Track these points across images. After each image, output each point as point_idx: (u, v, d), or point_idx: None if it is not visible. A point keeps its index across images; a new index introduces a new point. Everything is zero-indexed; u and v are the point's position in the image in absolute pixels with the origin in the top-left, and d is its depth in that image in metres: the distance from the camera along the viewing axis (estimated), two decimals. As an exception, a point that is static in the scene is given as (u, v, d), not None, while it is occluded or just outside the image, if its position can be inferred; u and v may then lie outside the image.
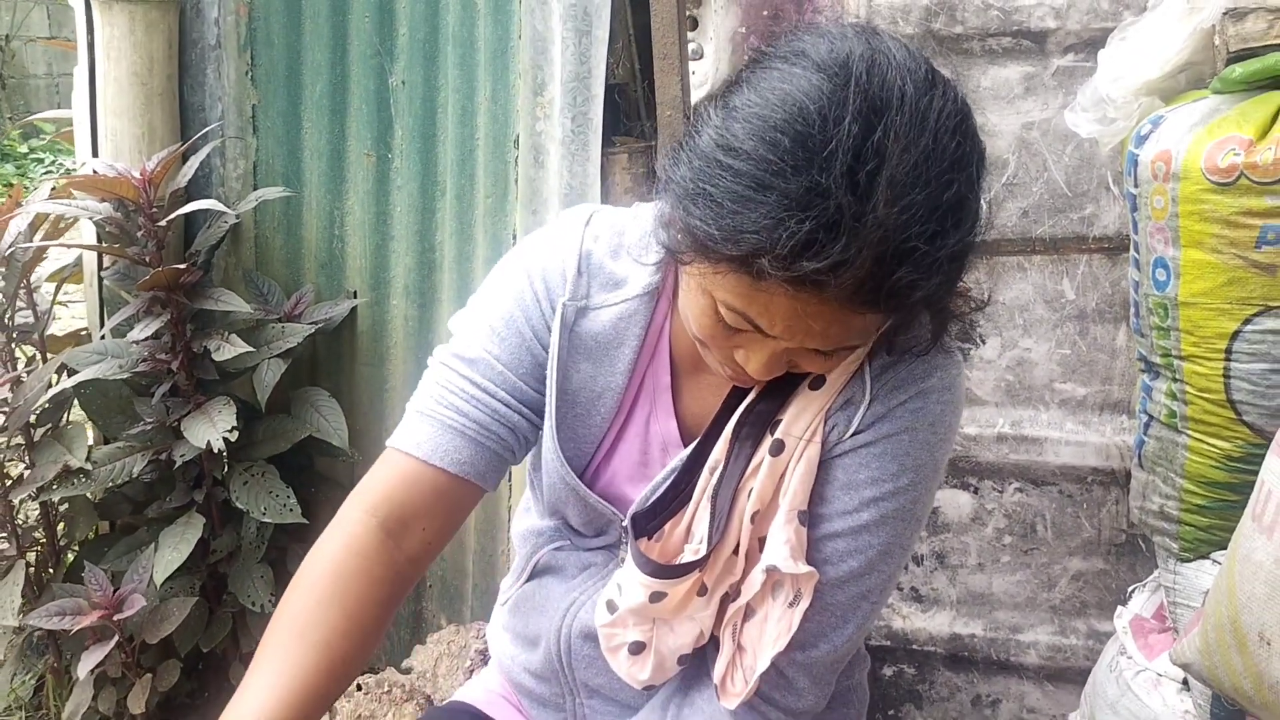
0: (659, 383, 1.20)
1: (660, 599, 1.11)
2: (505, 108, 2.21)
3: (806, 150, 0.85)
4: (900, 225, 0.84)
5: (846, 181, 0.83)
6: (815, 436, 1.09)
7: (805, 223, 0.83)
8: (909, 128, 0.85)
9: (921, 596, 2.14)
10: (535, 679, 1.32)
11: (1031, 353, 1.99)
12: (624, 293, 1.17)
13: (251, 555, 2.41)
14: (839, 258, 0.84)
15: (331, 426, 2.36)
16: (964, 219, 0.89)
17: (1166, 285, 1.57)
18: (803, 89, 0.88)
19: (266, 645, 1.09)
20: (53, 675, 2.48)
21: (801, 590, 1.10)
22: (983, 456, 2.03)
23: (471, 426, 1.16)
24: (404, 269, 2.42)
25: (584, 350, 1.18)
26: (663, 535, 1.14)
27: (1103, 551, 2.03)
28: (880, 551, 1.11)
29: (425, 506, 1.17)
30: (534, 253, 1.20)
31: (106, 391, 2.38)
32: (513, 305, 1.18)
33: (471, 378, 1.17)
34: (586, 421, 1.19)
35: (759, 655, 1.11)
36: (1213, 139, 1.47)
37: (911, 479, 1.10)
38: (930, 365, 1.10)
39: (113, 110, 2.40)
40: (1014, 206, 1.94)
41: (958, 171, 0.88)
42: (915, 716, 2.21)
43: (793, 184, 0.84)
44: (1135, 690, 1.68)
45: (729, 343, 1.01)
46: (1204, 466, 1.58)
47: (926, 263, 0.86)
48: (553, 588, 1.28)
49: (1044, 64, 1.89)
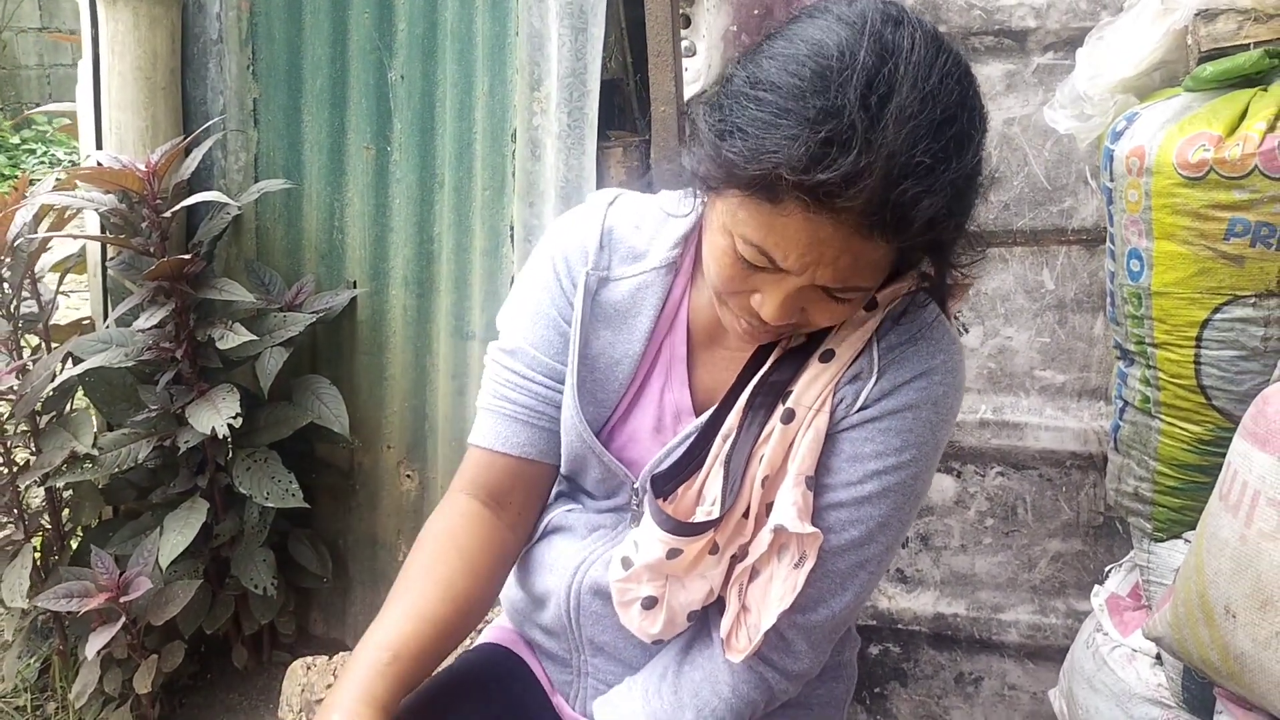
0: (675, 353, 1.27)
1: (676, 555, 1.16)
2: (503, 102, 2.26)
3: (824, 79, 0.94)
4: (905, 145, 0.92)
5: (859, 103, 0.92)
6: (824, 407, 1.15)
7: (819, 135, 0.92)
8: (917, 68, 0.94)
9: (906, 577, 2.21)
10: (545, 634, 1.38)
11: (1013, 341, 2.05)
12: (644, 264, 1.26)
13: (254, 539, 2.46)
14: (850, 169, 0.91)
15: (332, 413, 2.41)
16: (965, 152, 0.97)
17: (1140, 275, 1.63)
18: (824, 31, 0.98)
19: (396, 587, 1.23)
20: (59, 657, 2.52)
21: (806, 552, 1.15)
22: (965, 441, 2.09)
23: (522, 412, 1.29)
24: (403, 260, 2.47)
25: (604, 318, 1.26)
26: (675, 497, 1.20)
27: (1081, 533, 2.09)
28: (879, 523, 1.17)
29: (507, 486, 1.32)
30: (559, 236, 1.30)
31: (111, 379, 2.42)
32: (540, 291, 1.29)
33: (512, 367, 1.29)
34: (605, 386, 1.27)
35: (764, 614, 1.16)
36: (1184, 135, 1.53)
37: (913, 455, 1.16)
38: (935, 347, 1.16)
39: (117, 104, 2.44)
40: (996, 200, 2.00)
41: (961, 111, 0.96)
42: (900, 694, 2.28)
43: (810, 105, 0.93)
44: (1111, 665, 1.74)
45: (746, 286, 1.07)
46: (1176, 450, 1.64)
47: (929, 180, 0.93)
48: (563, 547, 1.34)
49: (1025, 62, 1.95)
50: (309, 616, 2.75)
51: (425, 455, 2.54)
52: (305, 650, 2.73)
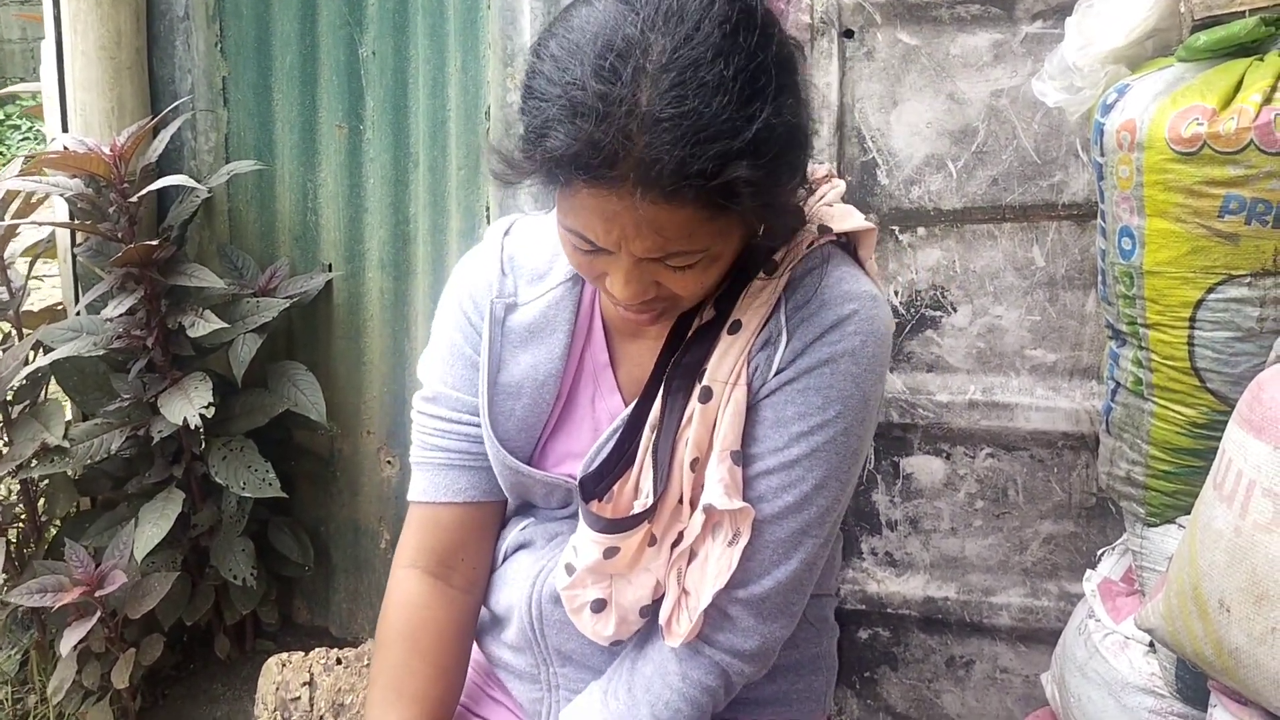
0: (598, 361, 1.26)
1: (614, 554, 1.15)
2: (476, 79, 2.20)
3: (570, 53, 0.94)
4: (649, 103, 0.91)
5: (594, 70, 0.92)
6: (740, 379, 1.13)
7: (570, 115, 0.92)
8: (664, 19, 0.93)
9: (895, 561, 2.17)
10: (512, 651, 1.35)
11: (1002, 320, 2.00)
12: (549, 282, 1.25)
13: (233, 529, 2.42)
14: (595, 138, 0.91)
15: (309, 400, 2.37)
16: (725, 96, 0.92)
17: (1132, 254, 1.57)
18: (578, 12, 0.98)
19: (371, 708, 1.27)
20: (37, 651, 2.49)
21: (740, 529, 1.13)
22: (955, 423, 2.05)
23: (456, 457, 1.28)
24: (378, 241, 2.41)
25: (520, 342, 1.25)
26: (612, 496, 1.18)
27: (1073, 515, 2.05)
28: (815, 485, 1.14)
29: (456, 540, 1.31)
30: (461, 276, 1.30)
31: (83, 368, 2.38)
32: (452, 331, 1.28)
33: (438, 414, 1.28)
34: (534, 409, 1.25)
35: (701, 594, 1.14)
36: (1176, 108, 1.47)
37: (838, 410, 1.13)
38: (844, 300, 1.13)
39: (81, 84, 2.38)
40: (984, 174, 1.94)
41: (716, 57, 0.92)
42: (890, 678, 2.25)
43: (556, 84, 0.94)
44: (1103, 653, 1.71)
45: (594, 270, 1.06)
46: (1169, 433, 1.60)
47: (678, 135, 0.90)
48: (523, 560, 1.32)
49: (1013, 31, 1.88)
50: (292, 604, 2.72)
51: (405, 440, 2.47)
52: (289, 638, 2.71)
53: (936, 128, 1.95)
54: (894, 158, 1.98)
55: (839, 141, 1.98)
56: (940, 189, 1.97)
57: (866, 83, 1.96)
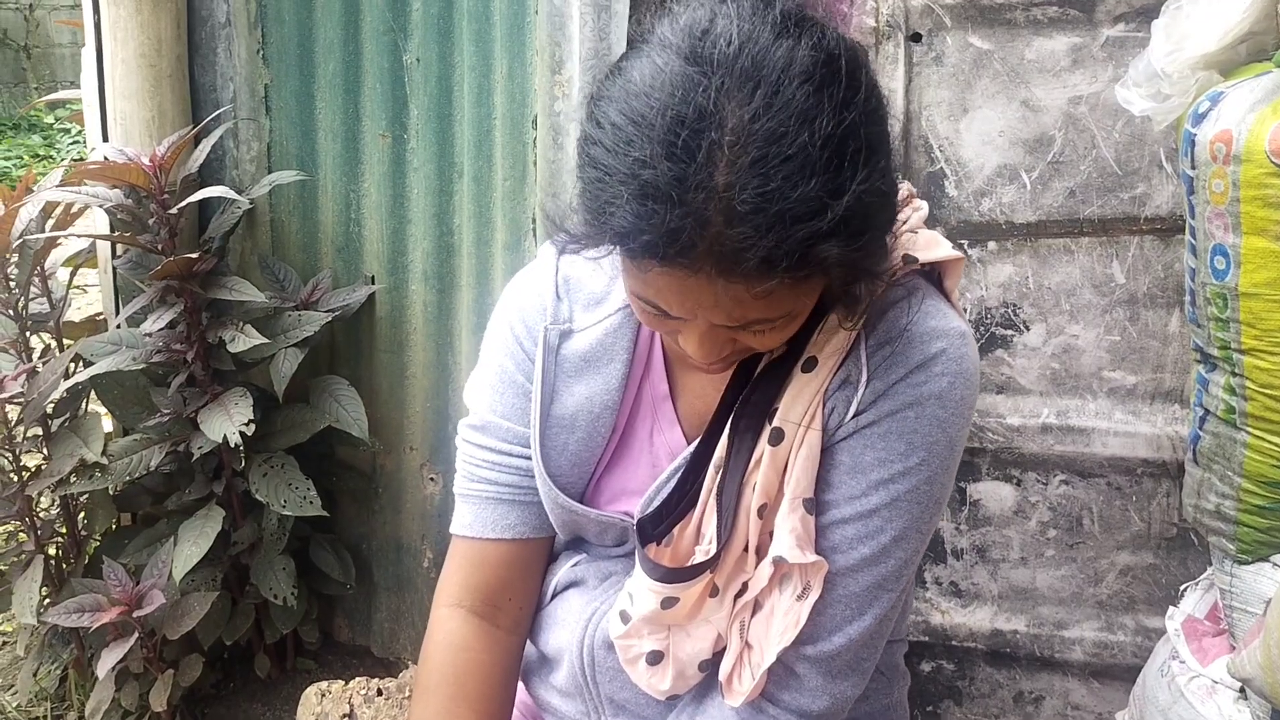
0: (657, 392, 1.17)
1: (672, 604, 1.08)
2: (522, 86, 2.12)
3: (635, 125, 0.84)
4: (726, 187, 0.81)
5: (665, 149, 0.82)
6: (814, 422, 1.05)
7: (640, 196, 0.83)
8: (740, 85, 0.83)
9: (961, 591, 2.07)
10: (561, 696, 1.28)
11: (1079, 339, 1.89)
12: (606, 308, 1.16)
13: (273, 547, 2.37)
14: (667, 227, 0.82)
15: (351, 416, 2.30)
16: (808, 173, 0.82)
17: (1226, 274, 1.47)
18: (638, 66, 0.88)
19: None
20: (75, 669, 2.45)
21: (811, 582, 1.05)
22: (1026, 448, 1.94)
23: (506, 491, 1.21)
24: (422, 253, 2.35)
25: (575, 371, 1.17)
26: (672, 539, 1.10)
27: (1152, 545, 1.94)
28: (894, 537, 1.06)
29: (502, 579, 1.23)
30: (513, 298, 1.22)
31: (123, 382, 2.34)
32: (503, 357, 1.20)
33: (486, 444, 1.21)
34: (588, 443, 1.17)
35: (766, 651, 1.07)
36: (1278, 118, 1.37)
37: (922, 457, 1.04)
38: (930, 337, 1.04)
39: (121, 93, 2.33)
40: (1060, 186, 1.84)
41: (800, 124, 0.82)
42: (955, 712, 2.15)
43: (623, 161, 0.84)
44: (1189, 697, 1.61)
45: (664, 328, 1.00)
46: (1265, 466, 1.50)
47: (759, 223, 0.82)
48: (574, 601, 1.24)
49: (1093, 34, 1.78)
50: (333, 623, 2.66)
51: (449, 457, 2.41)
52: (330, 657, 2.66)
53: (1009, 136, 1.85)
54: (963, 168, 1.88)
55: (905, 151, 1.89)
56: (1013, 201, 1.87)
57: (935, 89, 1.87)
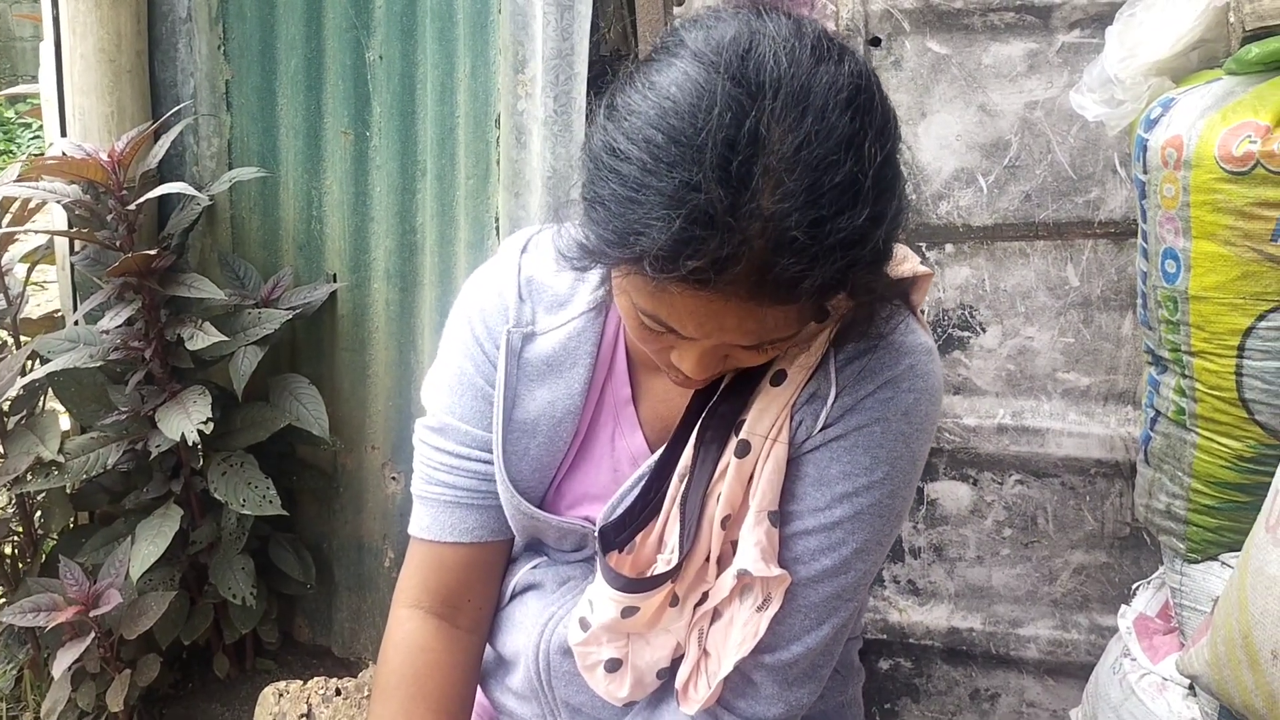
0: (619, 397, 1.16)
1: (632, 614, 1.07)
2: (486, 85, 2.12)
3: (679, 145, 0.81)
4: (779, 215, 0.80)
5: (717, 174, 0.80)
6: (781, 435, 1.05)
7: (678, 220, 0.80)
8: (786, 110, 0.81)
9: (919, 590, 2.08)
10: (517, 699, 1.27)
11: (1034, 341, 1.91)
12: (570, 311, 1.14)
13: (232, 546, 2.35)
14: (717, 254, 0.80)
15: (311, 415, 2.29)
16: (855, 202, 0.82)
17: (1176, 278, 1.49)
18: (676, 81, 0.84)
19: None
20: (31, 669, 2.43)
21: (772, 594, 1.06)
22: (982, 448, 1.96)
23: (465, 495, 1.19)
24: (385, 251, 2.34)
25: (537, 376, 1.15)
26: (634, 547, 1.10)
27: (1106, 545, 1.96)
28: (855, 549, 1.07)
29: (462, 581, 1.22)
30: (473, 296, 1.19)
31: (81, 379, 2.31)
32: (462, 359, 1.18)
33: (444, 447, 1.18)
34: (550, 448, 1.16)
35: (723, 660, 1.07)
36: (1227, 125, 1.39)
37: (886, 472, 1.05)
38: (898, 354, 1.05)
39: (80, 88, 2.31)
40: (1016, 190, 1.86)
41: (847, 151, 0.82)
42: (912, 709, 2.16)
43: (666, 182, 0.81)
44: (1140, 695, 1.63)
45: (659, 344, 0.97)
46: (1213, 466, 1.52)
47: (811, 253, 0.81)
48: (531, 605, 1.24)
49: (1049, 40, 1.80)
50: (293, 623, 2.65)
51: (410, 457, 2.38)
52: (290, 657, 2.64)
53: (967, 140, 1.86)
54: (921, 172, 1.90)
55: (864, 154, 1.90)
56: (970, 204, 1.88)
57: (894, 93, 1.87)
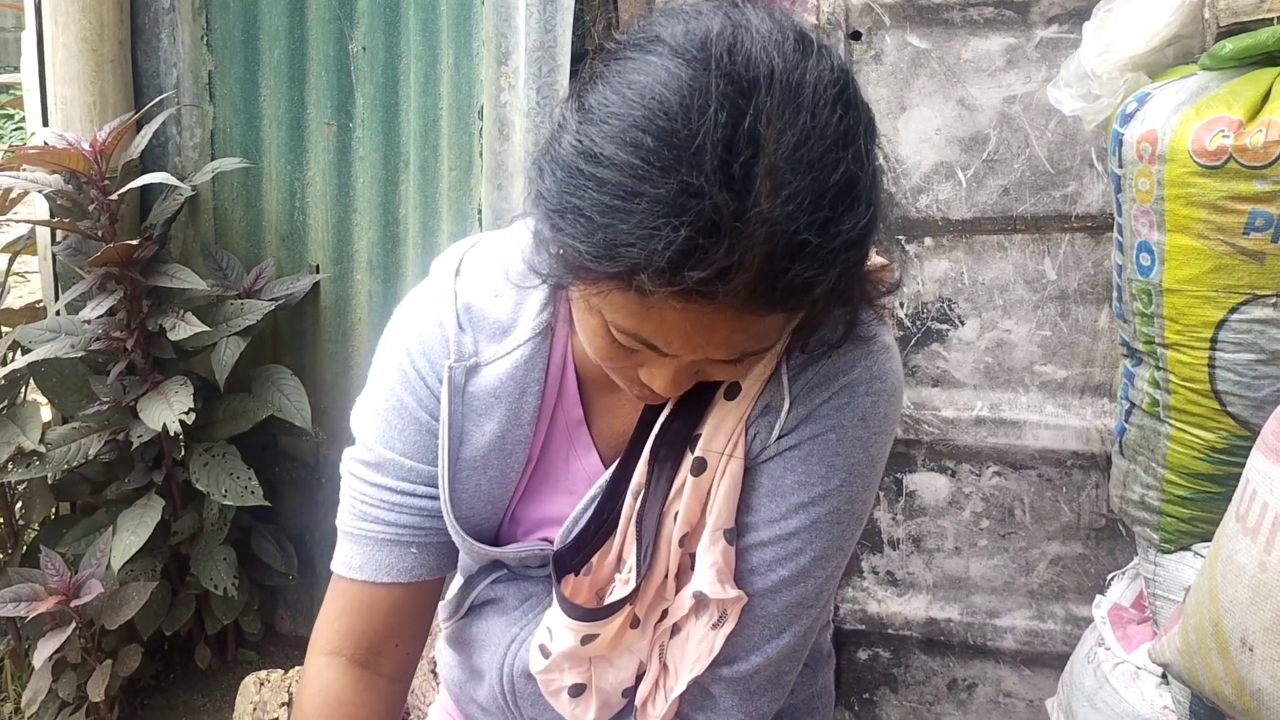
0: (571, 419, 1.10)
1: (592, 640, 1.04)
2: (469, 77, 2.13)
3: (673, 148, 0.75)
4: (786, 218, 0.75)
5: (720, 177, 0.74)
6: (737, 450, 1.01)
7: (681, 229, 0.74)
8: (782, 107, 0.77)
9: (897, 580, 2.10)
10: (483, 711, 1.24)
11: (1011, 334, 1.93)
12: (515, 338, 1.05)
13: (214, 537, 2.35)
14: (724, 262, 0.75)
15: (294, 406, 2.29)
16: (857, 200, 0.79)
17: (1151, 271, 1.51)
18: (660, 79, 0.78)
19: None
20: (12, 659, 2.42)
21: (728, 611, 1.03)
22: (960, 440, 1.98)
23: (405, 533, 1.10)
24: (367, 243, 2.34)
25: (484, 409, 1.06)
26: (591, 568, 1.06)
27: (1082, 536, 1.98)
28: (814, 558, 1.03)
29: (390, 625, 1.12)
30: (408, 324, 1.09)
31: (62, 370, 2.31)
32: (402, 392, 1.08)
33: (382, 483, 1.09)
34: (502, 480, 1.09)
35: (679, 675, 1.05)
36: (1201, 119, 1.41)
37: (844, 479, 1.02)
38: (852, 358, 1.01)
39: (62, 78, 2.31)
40: (994, 184, 1.87)
41: (844, 149, 0.78)
42: (890, 700, 2.18)
43: (662, 188, 0.75)
44: (1113, 683, 1.65)
45: (629, 362, 0.91)
46: (1186, 457, 1.53)
47: (821, 255, 0.77)
48: (493, 621, 1.19)
49: (1027, 35, 1.81)
50: (275, 614, 2.65)
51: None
52: (271, 648, 2.65)
53: (946, 134, 1.88)
54: (901, 165, 1.91)
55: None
56: (949, 198, 1.90)
57: (874, 87, 1.90)
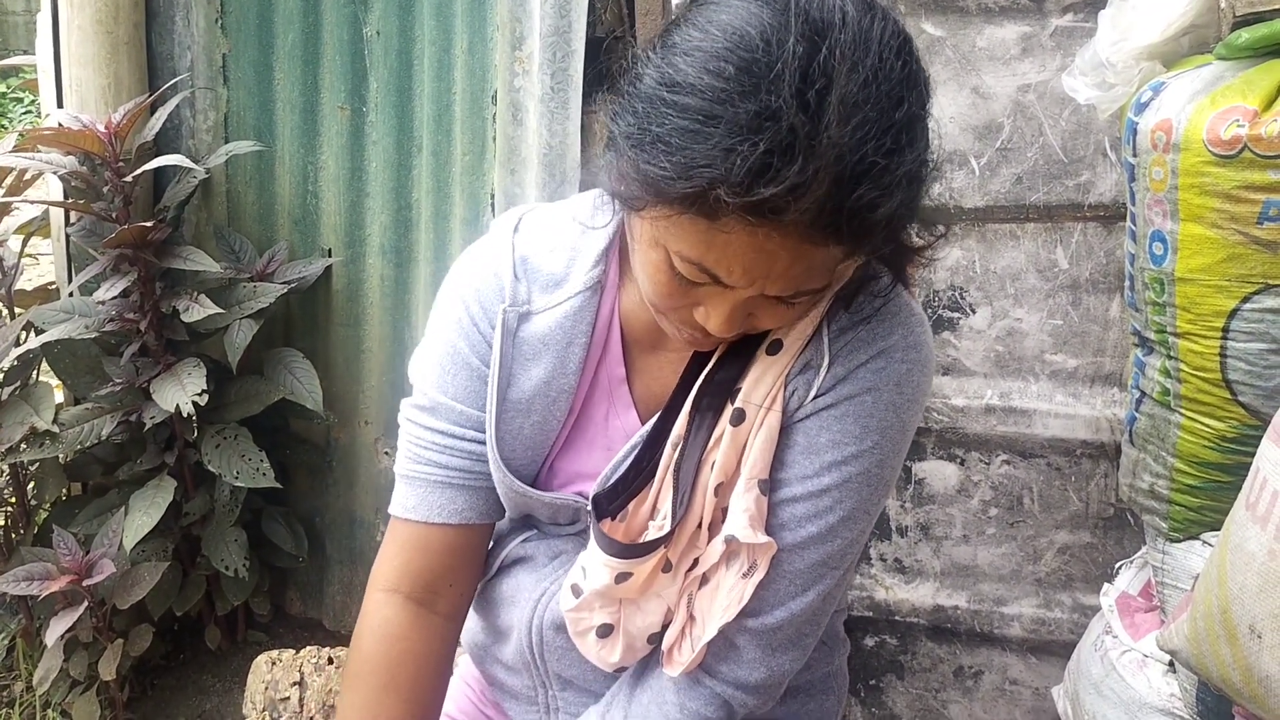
0: (613, 376, 1.16)
1: (625, 579, 1.08)
2: (483, 61, 2.13)
3: (752, 75, 0.82)
4: (856, 143, 0.81)
5: (797, 102, 0.81)
6: (775, 404, 1.06)
7: (759, 146, 0.80)
8: (854, 47, 0.83)
9: (905, 568, 2.11)
10: (507, 670, 1.28)
11: (1022, 323, 1.93)
12: (566, 290, 1.13)
13: (225, 518, 2.37)
14: (796, 179, 0.80)
15: (305, 389, 2.31)
16: (917, 138, 0.86)
17: (1164, 260, 1.51)
18: (742, 17, 0.85)
19: None
20: (23, 638, 2.44)
21: (758, 561, 1.07)
22: (970, 428, 1.98)
23: (455, 475, 1.16)
24: (380, 227, 2.35)
25: (533, 354, 1.13)
26: (627, 514, 1.10)
27: (1090, 525, 1.99)
28: (842, 517, 1.07)
29: (445, 565, 1.19)
30: (467, 274, 1.17)
31: (75, 351, 2.32)
32: (455, 336, 1.15)
33: (436, 427, 1.16)
34: (544, 426, 1.15)
35: (707, 624, 1.08)
36: (1216, 109, 1.41)
37: (875, 441, 1.06)
38: (892, 324, 1.07)
39: (77, 60, 2.31)
40: (1008, 172, 1.88)
41: (908, 90, 0.85)
42: (897, 687, 2.19)
43: (741, 110, 0.81)
44: (1120, 671, 1.65)
45: (686, 300, 0.97)
46: (1196, 446, 1.54)
47: (885, 180, 0.83)
48: (523, 579, 1.24)
49: (1042, 24, 1.81)
50: (285, 595, 2.67)
51: (404, 432, 2.43)
52: (281, 629, 2.66)
53: (960, 123, 1.88)
54: (914, 153, 1.91)
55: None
56: (962, 186, 1.90)
57: (888, 74, 1.90)
